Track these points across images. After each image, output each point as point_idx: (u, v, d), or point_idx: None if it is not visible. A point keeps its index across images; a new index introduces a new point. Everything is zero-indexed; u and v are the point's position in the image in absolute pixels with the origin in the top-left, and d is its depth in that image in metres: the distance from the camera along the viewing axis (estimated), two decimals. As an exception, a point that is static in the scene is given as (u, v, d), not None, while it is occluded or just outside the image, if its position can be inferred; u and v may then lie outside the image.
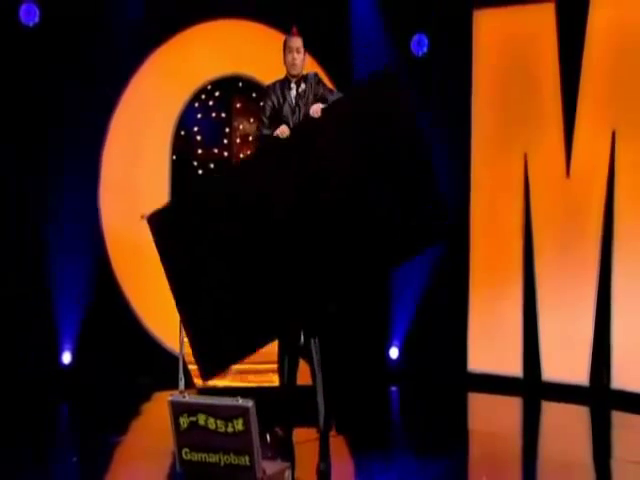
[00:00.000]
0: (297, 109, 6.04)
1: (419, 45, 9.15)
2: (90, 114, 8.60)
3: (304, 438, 6.34)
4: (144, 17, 8.70)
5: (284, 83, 6.11)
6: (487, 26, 9.01)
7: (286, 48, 6.09)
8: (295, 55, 6.07)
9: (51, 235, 8.59)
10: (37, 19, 8.44)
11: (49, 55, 8.45)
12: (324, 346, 6.07)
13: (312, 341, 6.01)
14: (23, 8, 8.43)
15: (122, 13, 8.68)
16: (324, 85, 6.14)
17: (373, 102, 5.89)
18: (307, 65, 6.25)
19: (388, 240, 5.88)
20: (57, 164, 8.57)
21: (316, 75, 6.14)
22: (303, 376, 6.20)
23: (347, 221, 5.83)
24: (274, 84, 6.13)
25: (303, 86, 6.08)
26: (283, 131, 5.89)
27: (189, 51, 8.97)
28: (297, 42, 6.08)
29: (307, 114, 5.96)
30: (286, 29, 6.19)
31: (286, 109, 6.04)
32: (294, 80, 6.08)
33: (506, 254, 8.90)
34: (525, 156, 8.80)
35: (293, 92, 6.07)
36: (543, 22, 8.66)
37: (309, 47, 8.87)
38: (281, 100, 6.05)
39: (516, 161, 8.83)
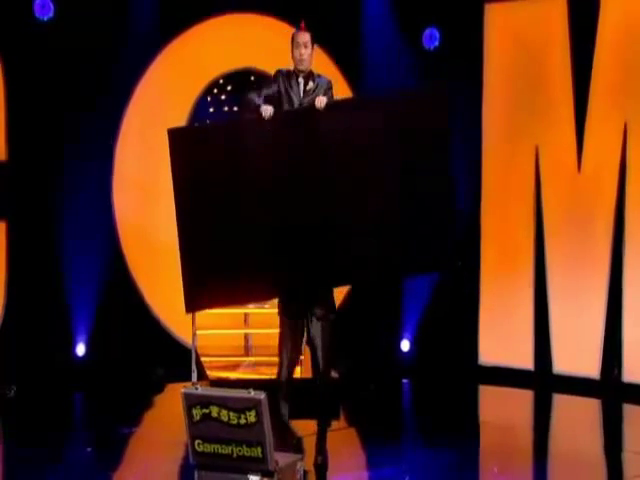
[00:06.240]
0: (300, 105, 6.00)
1: (431, 39, 9.16)
2: (103, 109, 8.63)
3: (314, 430, 6.38)
4: (156, 12, 8.73)
5: (292, 75, 6.07)
6: (498, 20, 9.00)
7: (294, 43, 6.04)
8: (303, 50, 6.02)
9: (65, 229, 8.64)
10: (51, 13, 8.49)
11: (63, 50, 8.48)
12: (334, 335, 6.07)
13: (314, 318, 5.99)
14: (38, 2, 8.47)
15: (134, 8, 8.72)
16: (332, 96, 6.02)
17: (418, 109, 5.92)
18: (316, 59, 6.22)
19: (387, 249, 5.91)
20: (71, 159, 8.61)
21: (330, 83, 6.06)
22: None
23: (345, 213, 5.85)
24: (283, 72, 6.05)
25: (311, 84, 6.02)
26: (266, 109, 5.81)
27: (201, 45, 8.99)
28: (305, 37, 6.02)
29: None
30: (298, 22, 6.17)
31: (292, 100, 6.00)
32: (302, 75, 6.05)
33: (517, 248, 8.90)
34: (536, 149, 8.79)
35: (301, 87, 6.05)
36: (555, 15, 8.64)
37: (320, 41, 8.91)
38: (289, 89, 6.02)
39: (527, 155, 8.82)
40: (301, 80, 6.04)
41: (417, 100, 6.08)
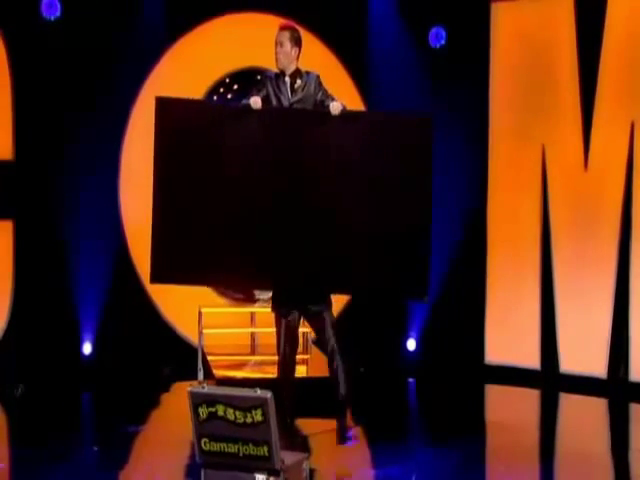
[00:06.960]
0: (292, 106, 5.98)
1: (437, 38, 9.15)
2: (110, 109, 8.64)
3: (320, 429, 6.38)
4: (162, 11, 8.74)
5: (279, 76, 6.03)
6: (505, 18, 8.99)
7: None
8: (278, 49, 5.98)
9: (72, 228, 8.64)
10: (59, 13, 8.50)
11: (70, 50, 8.49)
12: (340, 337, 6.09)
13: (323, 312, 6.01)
14: (45, 2, 8.48)
15: (141, 7, 8.73)
16: (325, 90, 6.03)
17: (402, 133, 5.95)
18: (322, 58, 6.21)
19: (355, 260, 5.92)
20: (79, 159, 8.62)
21: (318, 77, 6.03)
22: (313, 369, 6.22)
23: (322, 219, 5.87)
24: (271, 75, 6.05)
25: (299, 82, 5.97)
26: (256, 101, 5.83)
27: (207, 44, 9.00)
28: (280, 36, 5.99)
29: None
30: (305, 22, 6.17)
31: (281, 101, 5.97)
32: (288, 74, 6.01)
33: (524, 246, 8.89)
34: (543, 148, 8.79)
35: (288, 86, 6.00)
36: (561, 13, 8.63)
37: (326, 40, 8.97)
38: (277, 91, 5.98)
39: (534, 153, 8.82)
40: (288, 80, 5.99)
41: (402, 122, 6.08)
